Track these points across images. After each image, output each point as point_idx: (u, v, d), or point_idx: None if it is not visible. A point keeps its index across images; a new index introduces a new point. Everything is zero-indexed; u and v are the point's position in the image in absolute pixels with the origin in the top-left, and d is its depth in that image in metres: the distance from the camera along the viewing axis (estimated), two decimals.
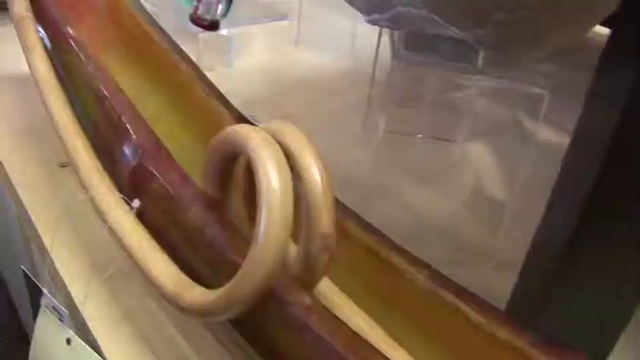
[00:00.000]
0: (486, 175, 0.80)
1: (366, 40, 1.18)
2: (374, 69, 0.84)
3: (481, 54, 0.77)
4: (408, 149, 0.86)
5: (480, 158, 0.84)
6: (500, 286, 0.62)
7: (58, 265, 0.55)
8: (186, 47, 0.69)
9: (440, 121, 0.92)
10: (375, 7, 0.58)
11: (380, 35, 0.79)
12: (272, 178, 0.36)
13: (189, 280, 0.43)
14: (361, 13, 0.60)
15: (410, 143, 0.88)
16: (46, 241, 0.59)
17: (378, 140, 0.84)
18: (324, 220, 0.39)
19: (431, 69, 1.02)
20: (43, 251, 0.58)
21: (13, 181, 0.71)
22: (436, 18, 0.54)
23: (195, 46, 0.85)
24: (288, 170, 0.38)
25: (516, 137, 0.90)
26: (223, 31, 0.83)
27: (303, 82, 0.99)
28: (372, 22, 0.60)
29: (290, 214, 0.37)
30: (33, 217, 0.64)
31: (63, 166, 0.71)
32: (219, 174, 0.45)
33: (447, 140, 0.88)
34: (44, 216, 0.63)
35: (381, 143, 0.85)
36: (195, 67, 0.64)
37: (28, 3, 0.68)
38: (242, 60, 1.02)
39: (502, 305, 0.53)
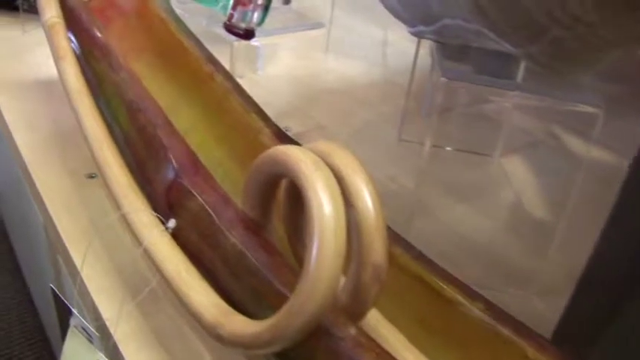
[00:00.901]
0: (527, 193, 0.78)
1: (396, 48, 1.16)
2: (411, 80, 0.81)
3: (522, 67, 0.74)
4: (444, 164, 0.83)
5: (519, 175, 0.82)
6: (544, 313, 0.60)
7: (89, 284, 0.53)
8: (215, 54, 0.67)
9: (475, 135, 0.90)
10: (421, 19, 0.55)
11: (418, 46, 0.77)
12: (325, 206, 0.34)
13: (231, 309, 0.41)
14: (405, 24, 0.58)
15: (446, 157, 0.85)
16: (76, 259, 0.56)
17: (414, 154, 0.81)
18: (376, 249, 0.37)
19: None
20: (73, 269, 0.56)
21: (40, 191, 0.69)
22: (487, 32, 0.51)
23: (223, 52, 0.83)
24: (341, 197, 0.35)
25: (557, 154, 0.87)
26: (254, 40, 0.81)
27: (334, 92, 0.96)
28: (416, 35, 0.57)
29: (343, 244, 0.34)
30: (61, 232, 0.62)
31: (91, 177, 0.69)
32: (261, 195, 0.43)
33: (484, 155, 0.85)
34: (73, 231, 0.61)
35: (417, 157, 0.82)
36: (230, 78, 0.61)
37: (59, 8, 0.67)
38: (271, 67, 1.00)
39: (547, 334, 0.50)
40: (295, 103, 0.91)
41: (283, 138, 0.55)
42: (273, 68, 1.00)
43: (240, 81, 0.63)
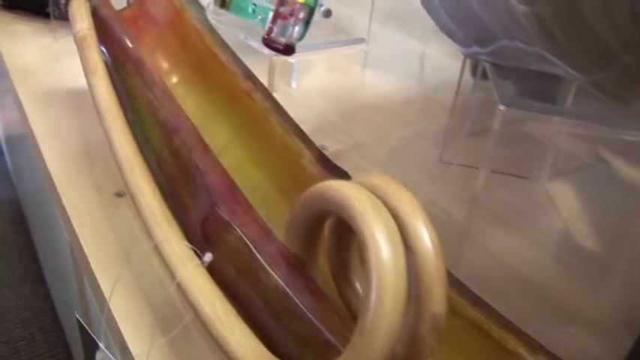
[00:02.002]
0: (576, 222, 0.73)
1: (434, 63, 1.12)
2: (455, 100, 0.77)
3: (572, 90, 0.70)
4: (486, 187, 0.79)
5: (566, 201, 0.77)
6: (593, 350, 0.56)
7: (117, 315, 0.50)
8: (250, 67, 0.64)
9: (519, 157, 0.85)
10: (477, 39, 0.52)
11: (463, 67, 0.73)
12: (385, 255, 0.30)
13: (271, 356, 0.37)
14: (457, 44, 0.54)
15: (488, 180, 0.81)
16: (104, 286, 0.53)
17: (456, 177, 0.78)
18: (436, 298, 0.33)
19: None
20: (100, 297, 0.53)
21: (67, 208, 0.66)
22: (550, 56, 0.47)
23: (256, 64, 0.79)
24: (401, 243, 0.32)
25: (607, 179, 0.83)
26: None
27: (371, 108, 0.93)
28: (470, 56, 0.54)
29: (404, 296, 0.31)
30: (89, 255, 0.59)
31: (120, 195, 0.66)
32: (307, 231, 0.39)
33: (529, 179, 0.81)
34: (101, 255, 0.58)
35: (459, 180, 0.78)
36: (269, 97, 0.58)
37: (90, 20, 0.64)
38: (306, 80, 0.97)
39: None
40: (331, 120, 0.87)
41: (326, 163, 0.52)
42: (308, 82, 0.97)
43: (274, 95, 0.60)
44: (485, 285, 0.44)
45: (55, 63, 0.98)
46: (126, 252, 0.58)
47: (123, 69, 0.60)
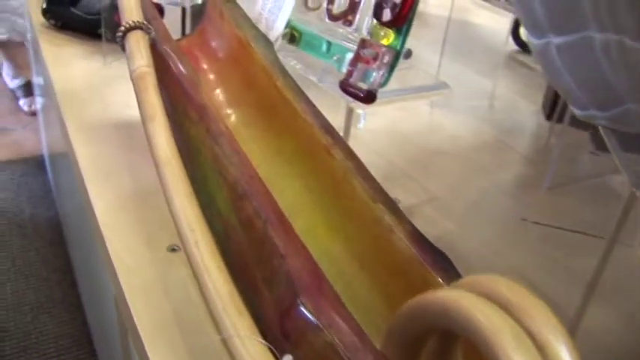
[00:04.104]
0: None
1: (504, 102, 1.05)
2: (553, 159, 0.70)
3: None
4: (574, 251, 0.71)
5: None
6: None
7: None
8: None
9: (606, 216, 0.77)
10: (599, 103, 0.44)
11: (550, 133, 0.65)
12: None
13: None
14: (573, 106, 0.47)
15: (573, 243, 0.73)
16: (152, 356, 0.46)
17: (539, 238, 0.70)
18: None
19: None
20: None
21: (113, 259, 0.60)
22: None
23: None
24: None
25: None
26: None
27: (443, 154, 0.85)
28: (587, 119, 0.46)
29: None
30: (136, 318, 0.52)
31: (173, 250, 0.60)
32: (412, 342, 0.32)
33: (622, 243, 0.73)
34: (150, 320, 0.51)
35: (542, 241, 0.70)
36: (352, 156, 0.51)
37: (149, 55, 0.57)
38: (373, 119, 0.90)
39: None
40: (401, 166, 0.80)
41: (421, 241, 0.44)
42: (375, 121, 0.90)
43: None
44: None
45: (104, 89, 0.92)
46: (180, 317, 0.51)
47: (185, 115, 0.53)
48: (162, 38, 0.60)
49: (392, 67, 0.56)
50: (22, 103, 2.56)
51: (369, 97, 0.57)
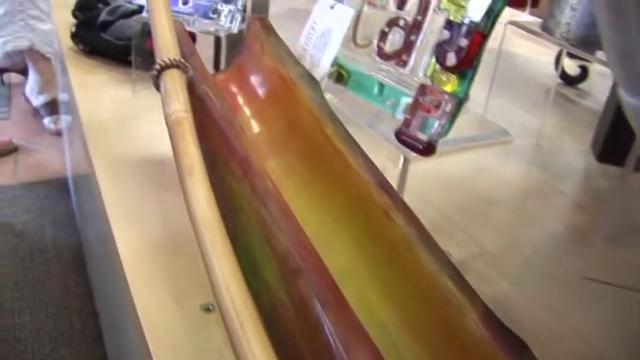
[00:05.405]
0: None
1: (550, 143, 0.99)
2: (611, 207, 0.64)
3: None
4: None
5: None
6: None
7: None
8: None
9: None
10: None
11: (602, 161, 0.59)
12: None
13: None
14: None
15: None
16: None
17: (600, 297, 0.64)
18: None
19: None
20: None
21: (140, 316, 0.54)
22: None
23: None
24: None
25: None
26: None
27: (493, 202, 0.80)
28: None
29: None
30: None
31: (208, 310, 0.54)
32: None
33: None
34: None
35: (605, 303, 0.64)
36: (414, 221, 0.45)
37: (187, 98, 0.51)
38: (417, 161, 0.84)
39: None
40: (449, 214, 0.74)
41: (495, 325, 0.38)
42: (420, 162, 0.84)
43: None
44: None
45: (133, 121, 0.87)
46: None
47: (226, 166, 0.48)
48: (200, 78, 0.55)
49: (454, 116, 0.51)
50: (47, 121, 2.50)
51: (428, 149, 0.52)
